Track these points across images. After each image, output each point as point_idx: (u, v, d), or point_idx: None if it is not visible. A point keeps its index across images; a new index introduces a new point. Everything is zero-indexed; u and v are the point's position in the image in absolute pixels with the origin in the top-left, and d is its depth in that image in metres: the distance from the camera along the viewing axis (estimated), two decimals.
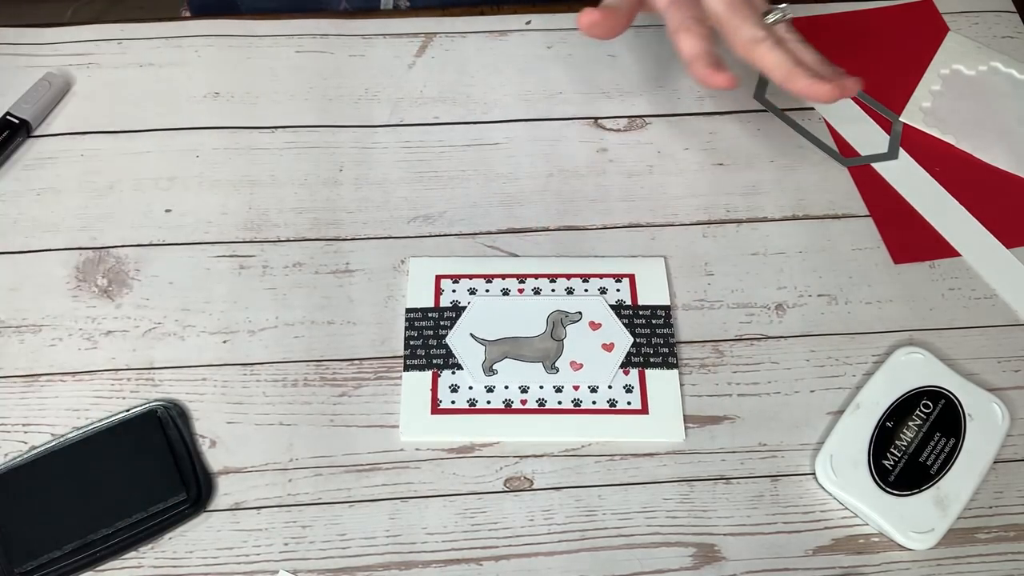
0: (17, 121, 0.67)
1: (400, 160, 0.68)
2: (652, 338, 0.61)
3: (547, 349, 0.60)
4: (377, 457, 0.57)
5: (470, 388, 0.59)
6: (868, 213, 0.67)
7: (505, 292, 0.62)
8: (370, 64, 0.72)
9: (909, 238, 0.66)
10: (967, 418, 0.58)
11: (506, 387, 0.59)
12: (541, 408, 0.58)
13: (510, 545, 0.55)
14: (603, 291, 0.63)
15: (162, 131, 0.69)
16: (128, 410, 0.57)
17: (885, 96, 0.73)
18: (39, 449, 0.56)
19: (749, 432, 0.59)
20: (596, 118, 0.71)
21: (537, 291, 0.62)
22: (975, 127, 0.71)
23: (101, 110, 0.69)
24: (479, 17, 0.76)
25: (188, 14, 0.88)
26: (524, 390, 0.59)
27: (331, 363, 0.60)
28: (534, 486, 0.56)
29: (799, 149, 0.70)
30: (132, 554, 0.53)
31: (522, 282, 0.63)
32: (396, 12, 0.77)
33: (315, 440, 0.57)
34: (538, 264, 0.64)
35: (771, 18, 0.61)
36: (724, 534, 0.55)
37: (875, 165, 0.70)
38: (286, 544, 0.54)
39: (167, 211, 0.65)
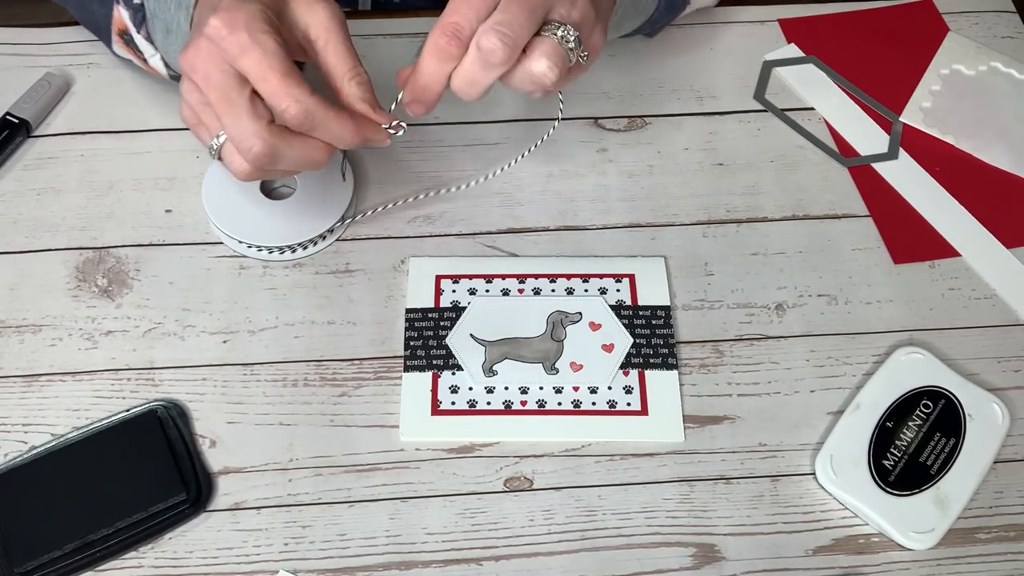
0: (17, 121, 0.67)
1: (400, 160, 0.68)
2: (652, 339, 0.61)
3: (547, 350, 0.60)
4: (377, 457, 0.57)
5: (470, 389, 0.59)
6: (868, 213, 0.67)
7: (505, 292, 0.62)
8: (370, 64, 0.72)
9: (909, 238, 0.66)
10: (967, 418, 0.58)
11: (506, 388, 0.59)
12: (541, 409, 0.58)
13: (510, 545, 0.55)
14: (603, 291, 0.63)
15: (162, 131, 0.69)
16: (128, 410, 0.57)
17: (885, 96, 0.73)
18: (39, 449, 0.56)
19: (749, 432, 0.59)
20: (596, 118, 0.71)
21: (537, 291, 0.62)
22: (975, 127, 0.71)
23: (101, 110, 0.69)
24: None
25: None
26: (524, 391, 0.59)
27: (331, 363, 0.60)
28: (534, 486, 0.56)
29: (799, 149, 0.70)
30: (132, 554, 0.53)
31: (522, 282, 0.63)
32: (396, 12, 0.77)
33: (315, 440, 0.57)
34: (538, 264, 0.64)
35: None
36: (724, 534, 0.55)
37: (875, 165, 0.70)
38: (286, 544, 0.54)
39: (167, 211, 0.65)
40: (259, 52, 0.49)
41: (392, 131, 0.54)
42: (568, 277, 0.63)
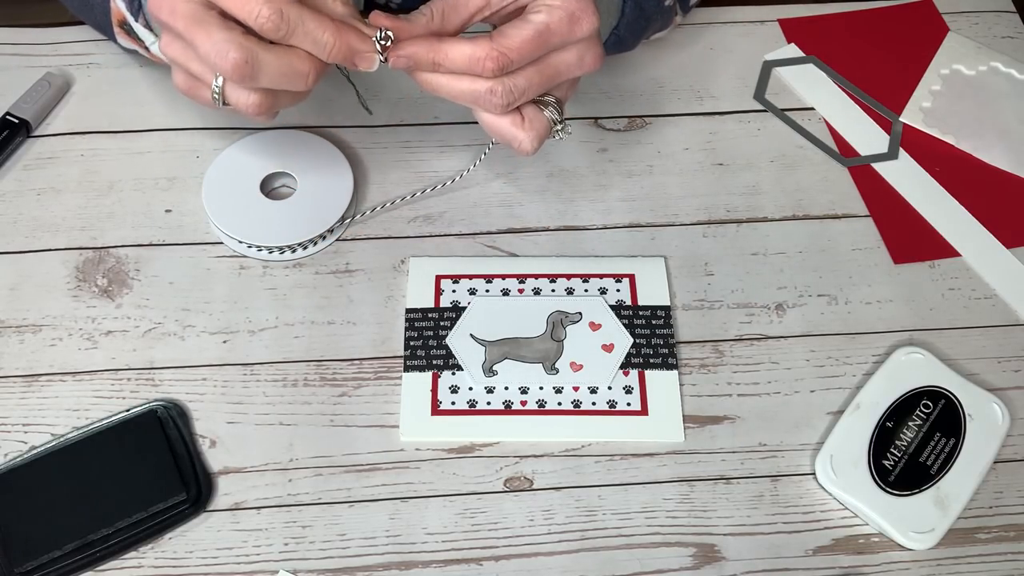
0: (17, 121, 0.67)
1: (400, 160, 0.68)
2: (652, 339, 0.61)
3: (547, 350, 0.60)
4: (377, 457, 0.57)
5: (470, 389, 0.59)
6: (868, 213, 0.67)
7: (505, 292, 0.62)
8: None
9: (909, 238, 0.66)
10: (967, 418, 0.58)
11: (506, 388, 0.59)
12: (541, 409, 0.58)
13: (510, 545, 0.55)
14: (603, 291, 0.63)
15: (162, 131, 0.69)
16: (128, 410, 0.57)
17: (885, 96, 0.73)
18: (39, 449, 0.56)
19: (749, 432, 0.59)
20: (596, 118, 0.71)
21: (537, 291, 0.62)
22: (975, 127, 0.71)
23: (101, 110, 0.69)
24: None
25: None
26: (524, 391, 0.59)
27: (331, 363, 0.60)
28: (534, 486, 0.56)
29: (799, 149, 0.70)
30: (132, 554, 0.53)
31: (522, 282, 0.63)
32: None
33: (315, 440, 0.57)
34: (538, 264, 0.64)
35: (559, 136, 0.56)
36: (724, 534, 0.55)
37: (875, 165, 0.70)
38: (286, 544, 0.54)
39: (167, 211, 0.65)
40: None
41: (381, 41, 0.50)
42: (568, 277, 0.63)
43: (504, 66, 0.50)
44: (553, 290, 0.63)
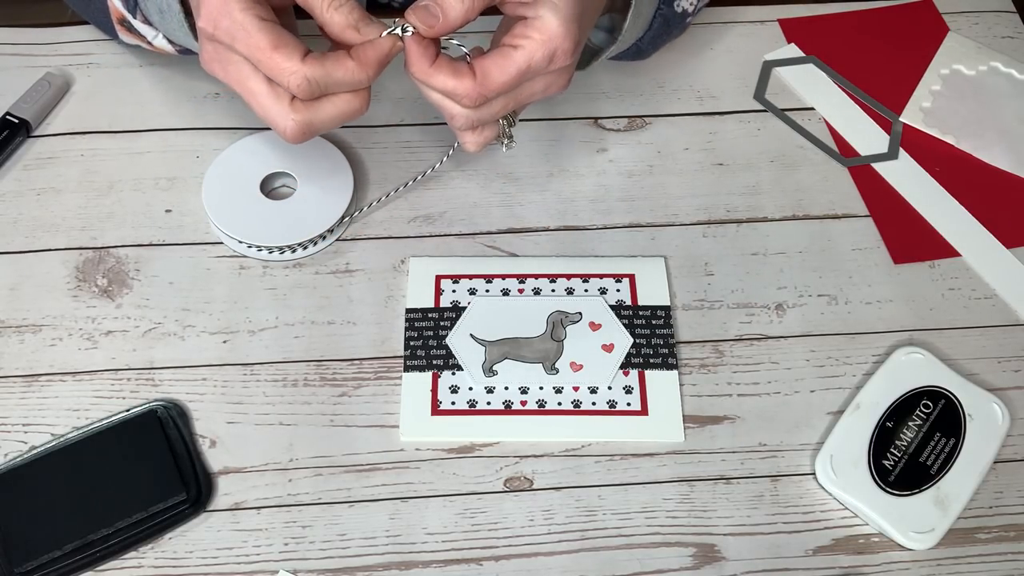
0: (17, 121, 0.67)
1: (400, 160, 0.68)
2: (652, 339, 0.61)
3: (547, 350, 0.60)
4: (377, 457, 0.57)
5: (470, 389, 0.59)
6: (868, 213, 0.67)
7: (505, 292, 0.62)
8: None
9: (909, 238, 0.66)
10: (967, 418, 0.58)
11: (506, 388, 0.59)
12: (541, 409, 0.58)
13: (510, 545, 0.55)
14: (603, 291, 0.63)
15: (162, 131, 0.69)
16: (128, 410, 0.57)
17: (885, 96, 0.73)
18: (39, 449, 0.56)
19: (749, 432, 0.59)
20: (596, 118, 0.71)
21: (537, 291, 0.62)
22: (975, 127, 0.71)
23: (101, 110, 0.69)
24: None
25: None
26: (524, 391, 0.59)
27: (331, 363, 0.60)
28: (534, 486, 0.56)
29: (799, 149, 0.70)
30: (132, 554, 0.53)
31: (522, 282, 0.63)
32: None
33: (315, 440, 0.57)
34: (538, 264, 0.64)
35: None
36: (724, 534, 0.55)
37: (875, 165, 0.70)
38: (286, 544, 0.54)
39: (167, 211, 0.65)
40: (243, 34, 0.48)
41: (397, 33, 0.51)
42: (568, 277, 0.63)
43: (481, 105, 0.52)
44: (553, 290, 0.63)
